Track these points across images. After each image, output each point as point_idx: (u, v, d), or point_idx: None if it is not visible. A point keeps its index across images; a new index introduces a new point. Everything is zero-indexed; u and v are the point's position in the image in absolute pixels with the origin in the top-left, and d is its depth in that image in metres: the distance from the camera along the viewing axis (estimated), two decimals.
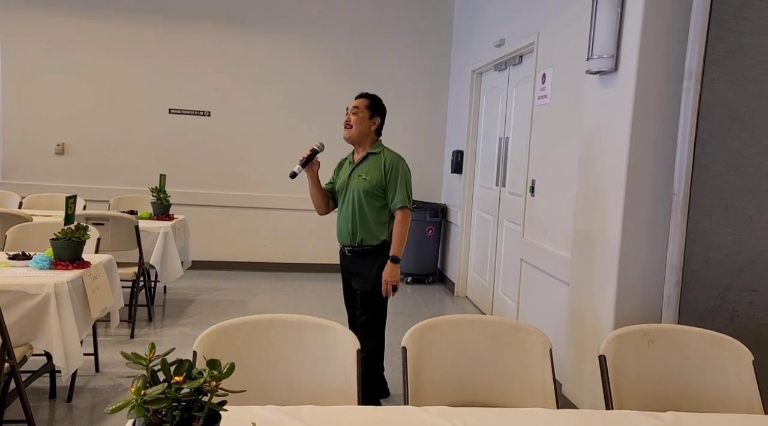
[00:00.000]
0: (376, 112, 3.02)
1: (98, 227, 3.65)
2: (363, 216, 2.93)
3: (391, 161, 2.93)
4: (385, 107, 3.08)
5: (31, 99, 5.92)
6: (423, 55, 6.49)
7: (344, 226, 2.99)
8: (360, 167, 2.97)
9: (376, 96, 3.07)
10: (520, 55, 4.59)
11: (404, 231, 2.92)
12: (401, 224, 2.91)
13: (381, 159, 2.95)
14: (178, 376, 1.00)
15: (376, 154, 2.97)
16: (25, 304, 2.41)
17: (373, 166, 2.94)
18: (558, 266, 3.54)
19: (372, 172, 2.92)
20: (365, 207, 2.92)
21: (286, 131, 6.31)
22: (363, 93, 3.08)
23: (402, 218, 2.91)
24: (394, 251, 2.91)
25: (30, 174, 5.96)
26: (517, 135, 4.59)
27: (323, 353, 1.71)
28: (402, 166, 2.95)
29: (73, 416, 2.88)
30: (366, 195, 2.91)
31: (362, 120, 2.97)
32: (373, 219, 2.93)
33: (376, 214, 2.93)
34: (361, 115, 2.97)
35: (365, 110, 2.98)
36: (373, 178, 2.91)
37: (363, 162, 2.98)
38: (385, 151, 3.00)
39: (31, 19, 5.83)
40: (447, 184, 6.49)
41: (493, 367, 1.81)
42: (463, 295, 5.81)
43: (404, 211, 2.92)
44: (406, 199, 2.92)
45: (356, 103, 2.99)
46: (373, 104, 3.01)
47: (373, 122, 3.00)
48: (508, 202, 4.75)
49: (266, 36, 6.21)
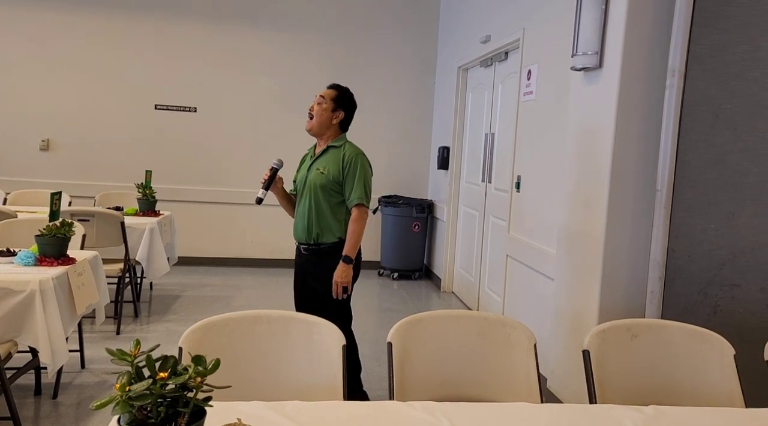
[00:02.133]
0: (341, 105, 2.84)
1: (84, 223, 3.62)
2: (319, 212, 2.78)
3: (350, 156, 2.78)
4: (354, 102, 2.90)
5: (15, 94, 5.84)
6: (409, 50, 6.49)
7: (300, 221, 2.84)
8: (319, 160, 2.82)
9: (347, 89, 2.89)
10: (506, 52, 4.61)
11: (359, 230, 2.77)
12: (356, 222, 2.76)
13: (340, 153, 2.79)
14: (163, 372, 1.00)
15: (337, 147, 2.82)
16: (10, 300, 2.39)
17: (332, 159, 2.79)
18: (543, 262, 3.57)
19: (330, 166, 2.77)
20: (322, 202, 2.77)
21: (272, 126, 6.28)
22: (334, 84, 2.91)
23: (357, 216, 2.76)
24: (347, 251, 2.76)
25: (14, 170, 5.89)
26: (503, 131, 4.61)
27: (309, 349, 1.71)
28: (361, 161, 2.79)
29: (59, 413, 2.86)
30: (322, 190, 2.76)
31: (324, 111, 2.80)
32: (330, 215, 2.78)
33: (333, 211, 2.79)
34: (324, 105, 2.81)
35: (329, 102, 2.82)
36: (331, 173, 2.76)
37: (322, 155, 2.83)
38: (347, 145, 2.84)
39: (14, 13, 5.75)
40: (433, 180, 6.50)
41: (478, 362, 1.83)
42: (450, 291, 5.84)
43: (360, 209, 2.77)
44: (363, 195, 2.77)
45: (323, 93, 2.84)
46: (339, 97, 2.84)
47: (336, 115, 2.83)
48: (494, 198, 4.77)
49: (252, 30, 6.17)
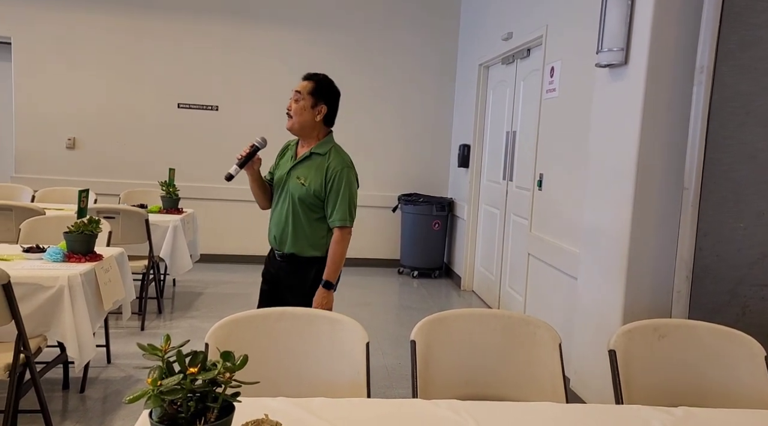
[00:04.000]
0: (322, 97, 2.45)
1: (109, 221, 3.68)
2: (297, 226, 2.47)
3: (334, 169, 2.43)
4: (336, 91, 2.51)
5: (42, 94, 5.95)
6: (430, 48, 6.48)
7: (274, 228, 2.54)
8: (301, 167, 2.48)
9: (325, 77, 2.49)
10: (528, 49, 4.57)
11: (341, 252, 2.46)
12: (338, 245, 2.45)
13: (325, 164, 2.44)
14: (192, 367, 1.01)
15: (321, 155, 2.46)
16: (40, 296, 2.44)
17: (315, 170, 2.45)
18: (566, 261, 3.53)
19: (312, 178, 2.44)
20: (300, 216, 2.46)
21: None
22: (310, 74, 2.50)
23: (340, 238, 2.45)
24: (328, 275, 2.44)
25: (42, 168, 6.00)
26: (525, 129, 4.58)
27: (332, 346, 1.72)
28: (347, 177, 2.44)
29: (86, 406, 2.91)
30: (301, 203, 2.45)
31: (303, 108, 2.43)
32: (308, 231, 2.48)
33: (313, 227, 2.48)
34: (302, 102, 2.43)
35: (307, 96, 2.43)
36: (312, 186, 2.43)
37: (305, 161, 2.48)
38: (332, 153, 2.47)
39: (42, 14, 5.86)
40: (453, 179, 6.48)
41: (502, 361, 1.82)
42: (470, 289, 5.82)
43: (343, 231, 2.45)
44: (347, 216, 2.45)
45: (298, 87, 2.45)
46: (318, 88, 2.45)
47: (318, 111, 2.45)
48: (515, 197, 4.74)
49: (273, 30, 6.21)
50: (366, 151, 6.45)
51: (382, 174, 6.52)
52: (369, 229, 6.55)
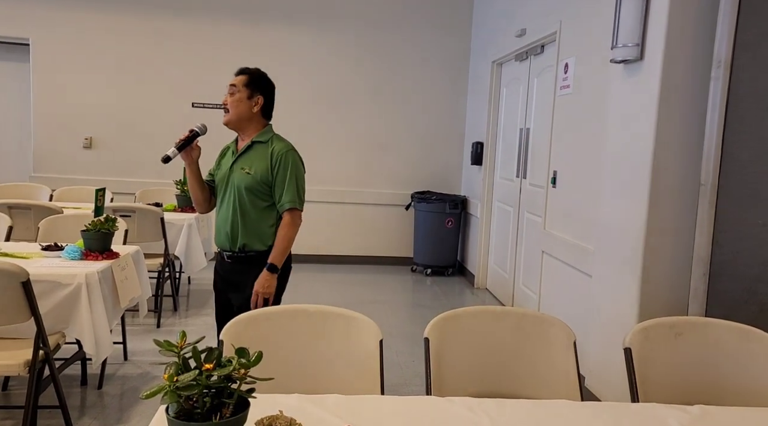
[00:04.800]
0: (258, 89, 2.47)
1: (126, 219, 3.72)
2: (245, 217, 2.45)
3: (279, 153, 2.43)
4: (271, 83, 2.53)
5: (60, 94, 6.03)
6: (442, 45, 6.46)
7: (223, 227, 2.51)
8: (243, 158, 2.47)
9: (258, 71, 2.51)
10: (542, 45, 4.54)
11: (290, 236, 2.43)
12: (287, 227, 2.43)
13: (268, 150, 2.45)
14: (208, 363, 1.02)
15: (263, 143, 2.48)
16: (58, 293, 2.47)
17: (259, 157, 2.45)
18: (580, 258, 3.51)
19: (256, 165, 2.43)
20: (248, 206, 2.45)
21: (307, 123, 6.34)
22: (243, 68, 2.51)
23: (289, 221, 2.43)
24: (273, 258, 2.40)
25: (60, 167, 6.08)
26: (539, 126, 4.55)
27: (347, 343, 1.73)
28: (293, 159, 2.45)
29: (104, 402, 2.95)
30: (248, 192, 2.43)
31: (240, 100, 2.43)
32: (258, 221, 2.46)
33: (261, 216, 2.46)
34: (238, 94, 2.44)
35: (243, 89, 2.44)
36: (258, 173, 2.42)
37: (247, 152, 2.48)
38: (274, 139, 2.49)
39: (59, 16, 5.93)
40: (467, 176, 6.46)
41: (516, 359, 1.81)
42: (483, 287, 5.80)
43: (293, 213, 2.44)
44: (296, 198, 2.44)
45: (233, 81, 2.47)
46: (252, 80, 2.47)
47: (255, 102, 2.46)
48: (529, 194, 4.72)
49: (284, 29, 6.23)
50: (379, 150, 6.45)
51: (395, 172, 6.53)
52: (382, 227, 6.56)
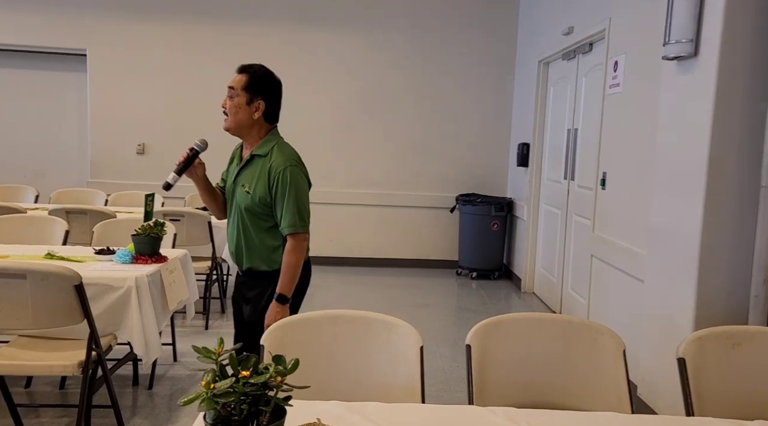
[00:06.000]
0: (259, 92, 2.20)
1: (175, 223, 3.82)
2: (248, 238, 2.26)
3: (277, 169, 2.17)
4: (274, 83, 2.25)
5: (115, 103, 6.26)
6: (488, 45, 6.38)
7: (231, 243, 2.34)
8: (245, 173, 2.26)
9: (262, 68, 2.24)
10: (590, 43, 4.42)
11: (295, 262, 2.20)
12: (291, 254, 2.19)
13: (267, 165, 2.20)
14: (245, 370, 1.03)
15: (263, 156, 2.22)
16: (110, 296, 2.55)
17: (258, 174, 2.21)
18: (632, 263, 3.39)
19: (256, 184, 2.20)
20: (249, 228, 2.25)
21: (350, 126, 6.37)
22: (244, 65, 2.24)
23: (292, 247, 2.19)
24: (281, 288, 2.19)
25: (115, 173, 6.31)
26: (587, 126, 4.44)
27: (387, 350, 1.71)
28: (291, 175, 2.18)
29: (154, 402, 3.03)
30: (248, 213, 2.23)
31: (239, 106, 2.18)
32: (261, 243, 2.25)
33: (265, 237, 2.25)
34: (237, 99, 2.19)
35: (241, 92, 2.18)
36: (257, 192, 2.19)
37: (248, 166, 2.25)
38: (275, 151, 2.22)
39: (114, 27, 6.16)
40: (512, 178, 6.36)
41: (562, 368, 1.76)
42: (531, 292, 5.69)
43: (296, 238, 2.19)
44: (297, 221, 2.18)
45: (232, 82, 2.20)
46: (252, 82, 2.19)
47: (255, 107, 2.20)
48: (577, 196, 4.60)
49: (328, 32, 6.28)
50: (423, 152, 6.42)
51: (440, 174, 6.48)
52: (426, 230, 6.53)
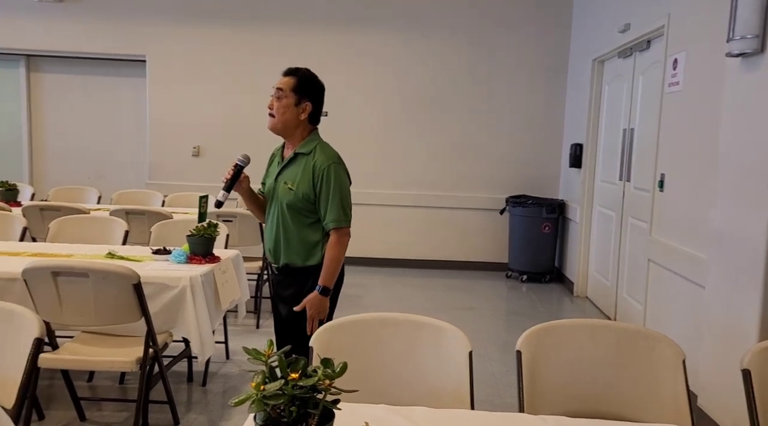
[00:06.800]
0: (306, 94, 2.30)
1: (227, 224, 3.91)
2: (288, 234, 2.32)
3: (321, 167, 2.27)
4: (320, 86, 2.36)
5: (172, 106, 6.47)
6: (540, 44, 6.26)
7: (269, 241, 2.40)
8: (287, 171, 2.34)
9: (308, 72, 2.35)
10: (648, 40, 4.28)
11: (338, 256, 2.30)
12: (334, 248, 2.29)
13: (311, 163, 2.29)
14: (294, 373, 1.04)
15: (306, 154, 2.31)
16: (166, 295, 2.64)
17: (301, 171, 2.30)
18: (692, 267, 3.26)
19: (299, 181, 2.29)
20: (290, 224, 2.31)
21: (398, 127, 6.37)
22: (291, 68, 2.35)
23: (335, 241, 2.29)
24: (324, 280, 2.28)
25: (171, 175, 6.53)
26: (644, 126, 4.29)
27: (436, 354, 1.70)
28: (335, 173, 2.28)
29: (208, 399, 3.12)
30: (290, 209, 2.30)
31: (287, 107, 2.28)
32: (301, 238, 2.32)
33: (305, 233, 2.32)
34: (285, 100, 2.28)
35: (290, 94, 2.28)
36: (300, 189, 2.28)
37: (290, 164, 2.34)
38: (318, 150, 2.31)
39: (172, 32, 6.37)
40: (565, 179, 6.22)
41: (616, 377, 1.70)
42: (583, 296, 5.54)
43: (339, 232, 2.29)
44: (341, 216, 2.28)
45: (280, 84, 2.30)
46: (301, 84, 2.30)
47: (302, 109, 2.30)
48: (633, 198, 4.46)
49: (377, 32, 6.30)
50: (472, 152, 6.36)
51: (489, 175, 6.40)
52: (475, 232, 6.46)
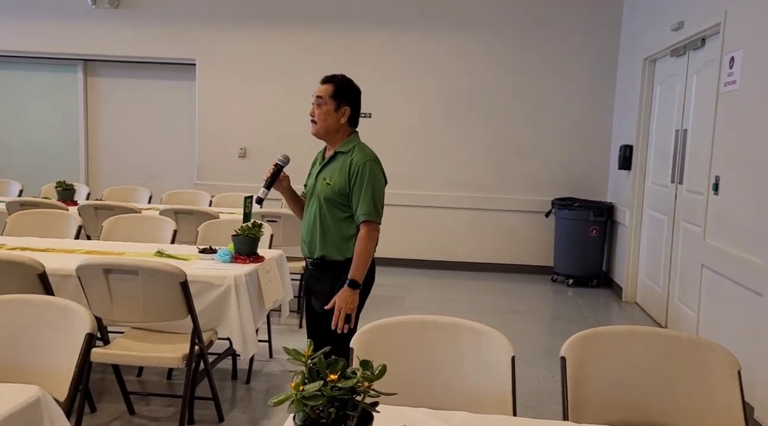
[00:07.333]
0: (344, 99, 2.46)
1: (272, 224, 3.97)
2: (325, 227, 2.46)
3: (357, 164, 2.41)
4: (357, 90, 2.51)
5: (219, 108, 6.62)
6: (588, 42, 6.12)
7: (305, 235, 2.54)
8: (327, 168, 2.50)
9: (344, 78, 2.50)
10: (703, 38, 4.12)
11: (367, 249, 2.41)
12: (363, 241, 2.40)
13: (348, 160, 2.44)
14: (333, 374, 1.04)
15: (345, 153, 2.46)
16: (212, 293, 2.69)
17: (339, 168, 2.45)
18: (749, 274, 3.11)
19: (336, 176, 2.43)
20: (327, 217, 2.45)
21: (441, 128, 6.34)
22: (328, 76, 2.51)
23: (365, 234, 2.40)
24: (353, 274, 2.38)
25: (218, 175, 6.67)
26: (698, 126, 4.13)
27: (477, 358, 1.67)
28: (370, 169, 2.41)
29: (251, 397, 3.17)
30: (327, 202, 2.44)
31: (327, 113, 2.44)
32: (336, 232, 2.45)
33: (340, 227, 2.45)
34: (325, 107, 2.44)
35: (329, 100, 2.44)
36: (337, 184, 2.42)
37: (330, 162, 2.50)
38: (356, 149, 2.46)
39: (221, 36, 6.52)
40: (613, 182, 6.05)
41: (666, 387, 1.64)
42: (632, 301, 5.38)
43: (369, 226, 2.41)
44: (372, 210, 2.40)
45: (320, 92, 2.46)
46: (339, 90, 2.45)
47: (342, 113, 2.45)
48: (686, 201, 4.30)
49: (421, 33, 6.27)
50: (517, 154, 6.26)
51: (535, 177, 6.29)
52: (520, 235, 6.35)
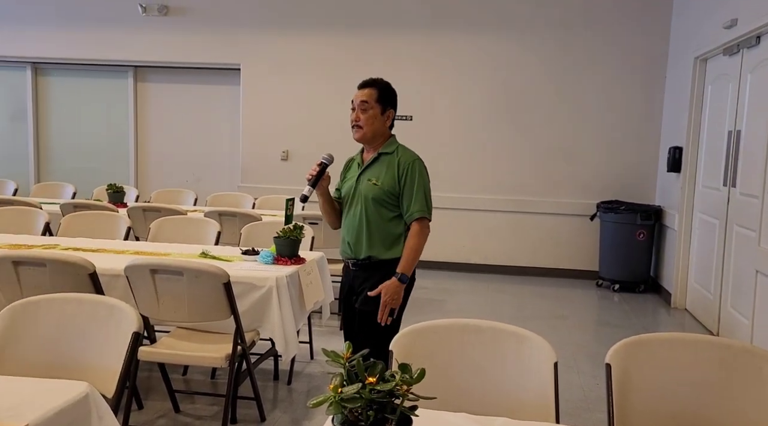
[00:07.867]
0: (389, 102, 2.49)
1: (313, 226, 4.00)
2: (371, 227, 2.46)
3: (405, 163, 2.44)
4: (395, 93, 2.54)
5: (263, 112, 6.73)
6: (636, 41, 5.95)
7: (349, 236, 2.53)
8: (370, 170, 2.50)
9: (384, 81, 2.51)
10: (758, 36, 3.97)
11: (419, 246, 2.44)
12: (416, 237, 2.43)
13: (395, 160, 2.46)
14: (371, 377, 1.04)
15: (389, 154, 2.48)
16: (254, 294, 2.73)
17: (385, 168, 2.46)
18: None
19: (384, 176, 2.45)
20: (374, 217, 2.45)
21: (485, 130, 6.27)
22: (369, 80, 2.51)
23: (418, 230, 2.43)
24: (403, 268, 2.41)
25: (261, 178, 6.79)
26: (753, 127, 3.97)
27: (518, 363, 1.65)
28: (419, 168, 2.46)
29: (292, 397, 3.21)
30: (375, 203, 2.44)
31: (374, 117, 2.45)
32: (384, 232, 2.46)
33: (388, 227, 2.46)
34: (371, 111, 2.44)
35: (375, 104, 2.44)
36: (385, 184, 2.44)
37: (373, 164, 2.50)
38: (400, 149, 2.50)
39: (264, 40, 6.63)
40: (662, 184, 5.87)
41: (718, 398, 1.57)
42: (682, 308, 5.20)
43: (422, 222, 2.44)
44: (424, 208, 2.44)
45: (363, 96, 2.45)
46: (383, 94, 2.46)
47: (387, 116, 2.49)
48: (739, 205, 4.13)
49: (465, 34, 6.23)
50: (562, 156, 6.14)
51: (580, 180, 6.15)
52: (564, 239, 6.23)
